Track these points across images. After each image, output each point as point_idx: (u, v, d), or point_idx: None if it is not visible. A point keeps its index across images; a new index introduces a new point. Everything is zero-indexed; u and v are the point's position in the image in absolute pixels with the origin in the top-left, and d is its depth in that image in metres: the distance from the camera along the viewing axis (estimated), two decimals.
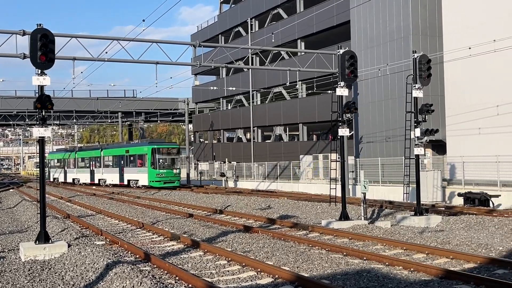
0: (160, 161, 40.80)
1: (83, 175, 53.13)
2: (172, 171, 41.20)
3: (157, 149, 40.96)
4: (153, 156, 40.66)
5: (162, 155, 41.25)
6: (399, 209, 22.14)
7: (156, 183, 40.41)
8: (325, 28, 41.89)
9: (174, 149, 42.48)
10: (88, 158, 52.06)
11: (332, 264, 11.44)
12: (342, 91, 18.75)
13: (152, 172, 40.63)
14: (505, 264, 10.80)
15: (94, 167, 50.64)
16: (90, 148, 55.62)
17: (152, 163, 40.64)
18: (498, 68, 26.76)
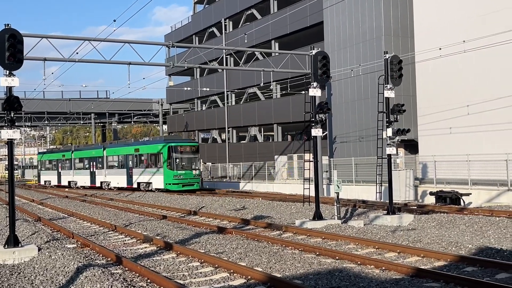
0: (177, 161, 36.22)
1: (81, 177, 48.00)
2: (192, 172, 36.66)
3: (174, 147, 36.22)
4: (170, 155, 35.96)
5: (180, 154, 36.61)
6: (372, 209, 22.34)
7: (173, 186, 35.83)
8: (299, 29, 42.09)
9: (193, 147, 37.71)
10: (88, 158, 46.87)
11: (305, 264, 11.47)
12: (315, 91, 18.84)
13: (169, 174, 35.96)
14: (474, 261, 10.97)
15: (95, 168, 45.45)
16: (90, 148, 49.52)
17: (169, 164, 35.98)
18: (468, 69, 27.23)
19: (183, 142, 38.51)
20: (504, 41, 23.53)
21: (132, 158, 40.18)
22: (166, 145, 36.26)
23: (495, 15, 25.82)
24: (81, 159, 48.35)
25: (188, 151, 37.11)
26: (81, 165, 48.36)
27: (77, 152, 49.62)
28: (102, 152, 44.38)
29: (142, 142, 40.53)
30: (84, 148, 50.39)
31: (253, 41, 44.75)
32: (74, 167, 49.35)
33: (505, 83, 25.54)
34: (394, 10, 33.30)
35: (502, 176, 24.11)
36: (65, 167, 51.45)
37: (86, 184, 46.59)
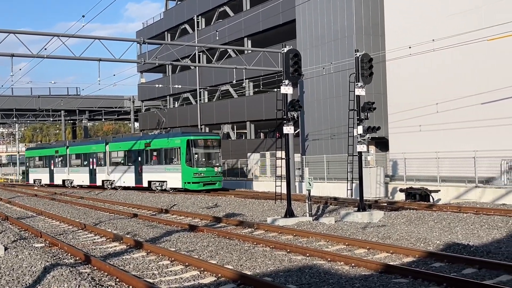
0: (198, 156, 32.06)
1: (78, 175, 43.16)
2: (213, 169, 32.27)
3: (194, 141, 32.03)
4: (189, 150, 31.77)
5: (200, 148, 32.36)
6: (343, 205, 22.52)
7: (193, 186, 31.58)
8: (271, 27, 42.14)
9: (215, 141, 33.45)
10: (86, 154, 42.03)
11: (276, 261, 11.49)
12: (287, 89, 18.87)
13: (188, 171, 31.73)
14: (441, 257, 11.14)
15: (95, 166, 40.67)
16: (89, 142, 44.20)
17: (188, 160, 31.81)
18: (437, 67, 27.64)
19: (204, 135, 34.45)
20: (471, 40, 23.95)
21: (142, 154, 35.57)
22: (185, 138, 32.09)
23: (463, 14, 26.26)
24: (78, 155, 43.51)
25: (209, 145, 32.82)
26: (78, 162, 43.61)
27: (73, 147, 44.81)
28: (104, 147, 39.74)
29: (154, 136, 35.76)
30: (82, 143, 45.25)
31: (226, 38, 44.61)
32: (70, 164, 44.62)
33: (473, 81, 26.00)
34: (365, 9, 33.59)
35: (470, 173, 24.55)
36: (58, 164, 46.56)
37: (85, 183, 42.12)
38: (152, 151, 35.03)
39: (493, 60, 25.12)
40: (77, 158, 43.80)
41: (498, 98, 24.72)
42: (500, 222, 16.04)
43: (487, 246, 12.62)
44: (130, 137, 39.99)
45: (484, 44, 24.16)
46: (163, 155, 33.97)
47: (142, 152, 35.62)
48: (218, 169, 32.56)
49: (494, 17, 24.29)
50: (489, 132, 25.14)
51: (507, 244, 13.09)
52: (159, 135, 35.46)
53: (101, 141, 41.76)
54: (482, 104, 25.40)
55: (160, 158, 34.23)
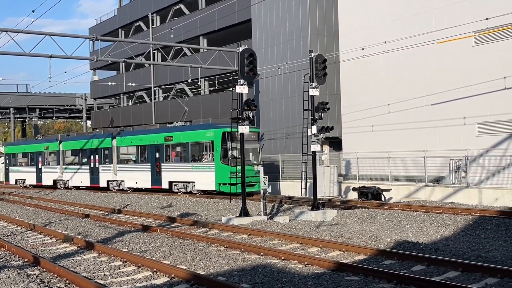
0: (235, 152, 26.14)
1: (75, 175, 36.88)
2: (253, 168, 26.33)
3: (231, 134, 25.98)
4: (225, 145, 26.62)
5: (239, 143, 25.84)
6: (298, 204, 22.72)
7: (230, 188, 24.46)
8: (227, 26, 42.05)
9: (254, 134, 27.81)
10: (86, 150, 36.01)
11: (230, 260, 11.48)
12: (242, 88, 18.90)
13: (224, 171, 25.98)
14: (392, 255, 11.38)
15: (98, 163, 34.88)
16: (88, 136, 37.33)
17: (223, 156, 26.63)
18: (389, 68, 28.23)
19: None
20: (421, 43, 24.57)
21: (161, 150, 30.17)
22: (220, 130, 26.75)
23: (414, 17, 26.91)
24: (75, 151, 37.44)
25: (248, 139, 25.96)
26: (74, 159, 37.58)
27: (68, 142, 38.39)
28: (110, 142, 33.79)
29: (176, 128, 30.08)
30: (79, 137, 38.35)
31: (181, 37, 44.26)
32: (63, 162, 38.33)
33: (423, 83, 26.68)
34: (320, 10, 33.97)
35: (420, 172, 25.21)
36: (48, 162, 40.27)
37: (84, 184, 36.07)
38: (174, 146, 29.77)
39: (443, 62, 25.86)
40: (73, 155, 37.81)
41: (447, 99, 25.47)
42: (448, 220, 16.52)
43: (435, 244, 12.98)
44: (145, 130, 33.27)
45: (434, 46, 24.83)
46: (189, 151, 28.57)
47: (160, 147, 30.08)
48: (258, 168, 25.74)
49: (444, 21, 25.00)
50: (439, 133, 25.88)
51: (455, 241, 13.50)
52: (183, 127, 29.93)
53: (106, 134, 35.22)
54: (432, 105, 26.12)
55: (185, 155, 28.84)
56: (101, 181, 34.50)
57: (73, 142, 37.85)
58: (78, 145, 37.07)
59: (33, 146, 42.58)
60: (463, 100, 24.87)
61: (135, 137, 32.39)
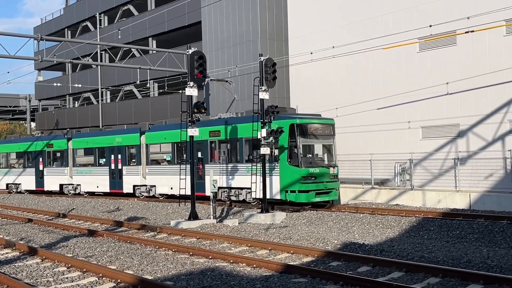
0: (308, 150, 21.72)
1: (90, 178, 30.89)
2: (328, 170, 21.44)
3: (302, 126, 21.13)
4: (295, 141, 20.91)
5: (311, 138, 21.76)
6: (248, 207, 22.75)
7: (301, 196, 20.45)
8: (177, 27, 41.76)
9: (328, 128, 22.34)
10: (104, 149, 30.17)
11: (178, 264, 11.37)
12: (192, 91, 18.78)
13: (293, 174, 20.59)
14: (339, 256, 11.56)
15: (121, 164, 28.90)
16: (108, 132, 31.09)
17: (292, 156, 20.95)
18: (337, 73, 28.71)
19: (315, 118, 22.31)
20: (368, 48, 25.12)
21: (205, 147, 24.60)
22: (287, 122, 21.09)
23: (361, 23, 27.49)
24: (89, 150, 31.37)
25: (322, 133, 21.96)
26: (88, 160, 31.68)
27: (80, 139, 32.27)
28: (138, 139, 27.98)
29: (224, 121, 24.10)
30: (95, 134, 31.93)
31: (130, 38, 43.59)
32: (74, 163, 32.22)
33: (370, 87, 27.28)
34: (270, 14, 34.20)
35: (367, 175, 25.70)
36: (53, 163, 34.02)
37: (101, 189, 30.18)
38: (222, 143, 24.26)
39: (389, 68, 26.51)
40: (87, 155, 31.79)
41: (393, 104, 26.13)
42: (393, 222, 16.93)
43: (381, 245, 13.27)
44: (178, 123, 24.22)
45: (381, 52, 25.43)
46: (243, 149, 22.87)
47: (204, 145, 24.50)
48: (335, 170, 21.66)
49: (390, 27, 25.65)
50: (385, 136, 26.50)
51: (399, 242, 13.84)
52: (234, 118, 23.96)
53: (132, 130, 28.98)
54: (378, 110, 26.73)
55: (236, 153, 23.24)
56: (126, 185, 28.52)
57: (87, 140, 31.60)
58: (94, 143, 30.77)
59: (31, 145, 36.09)
60: (408, 105, 25.57)
61: (169, 132, 25.94)
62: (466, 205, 20.66)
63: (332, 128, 22.42)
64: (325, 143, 22.33)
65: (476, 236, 14.42)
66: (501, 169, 21.68)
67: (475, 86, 22.99)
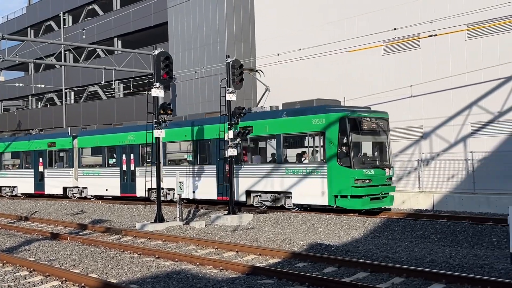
0: (360, 149, 19.54)
1: (98, 180, 27.87)
2: (384, 172, 19.04)
3: (354, 120, 18.59)
4: (346, 138, 18.36)
5: (365, 135, 19.32)
6: (214, 209, 22.67)
7: (354, 202, 18.03)
8: (143, 28, 41.41)
9: (383, 122, 19.76)
10: (114, 148, 27.19)
11: (143, 267, 11.24)
12: (158, 92, 18.63)
13: (344, 176, 18.10)
14: (305, 257, 11.62)
15: (134, 165, 26.06)
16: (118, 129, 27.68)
17: (342, 155, 18.30)
18: (304, 75, 28.90)
19: (368, 112, 19.79)
20: (334, 51, 25.36)
21: None
22: (336, 115, 18.45)
23: (327, 26, 27.73)
24: (97, 149, 28.42)
25: (376, 129, 19.42)
26: (97, 160, 28.65)
27: (86, 137, 29.23)
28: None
29: (256, 115, 21.44)
30: (103, 131, 28.56)
31: (94, 37, 43.02)
32: (80, 164, 29.31)
33: (335, 90, 27.54)
34: (237, 16, 34.21)
35: None
36: (54, 164, 31.06)
37: (111, 193, 27.29)
38: (254, 141, 21.63)
39: (354, 71, 26.81)
40: (94, 154, 28.81)
41: None
42: (359, 223, 17.11)
43: (346, 246, 13.40)
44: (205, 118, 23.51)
45: (346, 55, 25.70)
46: (281, 148, 20.18)
47: None
48: (391, 172, 19.30)
49: (355, 30, 25.96)
50: None
51: (364, 243, 14.01)
52: (267, 113, 21.39)
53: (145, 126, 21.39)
54: None
55: (276, 153, 20.47)
56: (139, 188, 25.52)
57: (95, 138, 28.49)
58: (103, 142, 27.83)
59: (29, 143, 32.62)
60: (372, 107, 25.90)
61: (189, 129, 23.39)
62: (430, 205, 21.05)
63: (387, 123, 19.91)
64: (380, 140, 19.63)
65: (439, 236, 14.69)
66: (463, 170, 22.19)
67: (438, 89, 23.46)
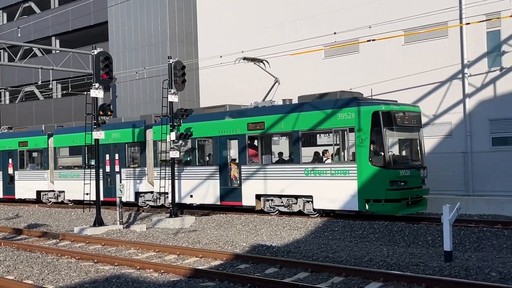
0: (397, 148, 17.80)
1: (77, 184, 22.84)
2: (419, 173, 16.89)
3: (389, 115, 16.34)
4: (379, 135, 16.26)
5: (400, 131, 16.99)
6: (156, 212, 22.38)
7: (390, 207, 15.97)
8: (83, 27, 40.42)
9: (416, 117, 17.38)
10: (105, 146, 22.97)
11: (81, 272, 10.96)
12: (97, 92, 18.24)
13: (378, 176, 15.99)
14: (247, 259, 11.66)
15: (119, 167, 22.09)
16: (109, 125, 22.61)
17: (375, 153, 16.34)
18: (246, 77, 29.00)
19: (401, 105, 17.45)
20: (276, 53, 25.59)
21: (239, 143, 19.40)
22: (369, 109, 16.32)
23: (270, 29, 27.96)
24: (76, 149, 24.71)
25: (410, 124, 17.05)
26: (75, 161, 25.32)
27: (63, 136, 25.67)
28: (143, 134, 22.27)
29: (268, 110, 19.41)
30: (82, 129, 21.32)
31: (31, 36, 41.64)
32: (56, 165, 25.89)
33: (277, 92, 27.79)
34: (179, 16, 33.95)
35: None
36: (26, 165, 27.81)
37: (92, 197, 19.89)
38: (266, 139, 19.30)
39: (296, 73, 27.15)
40: (73, 155, 25.52)
41: None
42: (300, 224, 17.32)
43: (288, 246, 13.54)
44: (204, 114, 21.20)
45: (288, 58, 25.98)
46: (299, 146, 17.92)
47: (239, 140, 19.36)
48: (425, 172, 17.14)
49: (297, 33, 26.30)
50: None
51: (306, 243, 14.20)
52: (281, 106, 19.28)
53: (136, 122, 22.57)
54: None
55: (293, 152, 18.25)
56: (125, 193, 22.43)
57: (74, 136, 24.41)
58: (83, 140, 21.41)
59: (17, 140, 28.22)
60: None
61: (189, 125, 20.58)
62: None
63: (420, 118, 17.71)
64: (414, 137, 17.42)
65: (377, 235, 15.08)
66: None
67: (376, 93, 24.08)
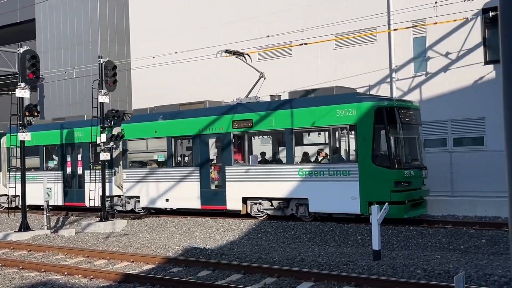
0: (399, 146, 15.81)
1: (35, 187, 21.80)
2: (422, 173, 16.17)
3: (392, 111, 15.52)
4: (385, 132, 15.62)
5: (405, 129, 15.94)
6: (86, 216, 21.77)
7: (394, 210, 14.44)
8: (7, 24, 38.74)
9: (417, 115, 16.63)
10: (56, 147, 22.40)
11: (5, 280, 10.48)
12: (23, 92, 17.54)
13: (382, 177, 15.05)
14: (180, 262, 11.54)
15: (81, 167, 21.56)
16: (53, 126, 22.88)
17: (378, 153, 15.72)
18: (180, 78, 28.78)
19: (403, 101, 16.92)
20: (210, 55, 25.55)
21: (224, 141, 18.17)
22: (370, 105, 15.41)
23: (203, 30, 27.88)
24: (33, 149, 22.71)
25: (411, 122, 16.33)
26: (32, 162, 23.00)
27: None
28: None
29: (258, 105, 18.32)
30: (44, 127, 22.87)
31: None
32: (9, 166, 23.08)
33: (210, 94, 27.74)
34: (111, 15, 33.22)
35: None
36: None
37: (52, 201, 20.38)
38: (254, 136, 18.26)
39: (230, 75, 27.20)
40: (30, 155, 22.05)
41: None
42: (234, 225, 17.34)
43: (221, 248, 13.51)
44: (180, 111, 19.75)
45: (222, 59, 25.98)
46: (293, 145, 16.97)
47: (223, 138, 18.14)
48: (425, 173, 16.48)
49: (232, 35, 26.35)
50: None
51: (239, 245, 14.22)
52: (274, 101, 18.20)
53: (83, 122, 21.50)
54: None
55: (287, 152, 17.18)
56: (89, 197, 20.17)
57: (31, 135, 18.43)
58: (41, 140, 22.48)
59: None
60: None
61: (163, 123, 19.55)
62: None
63: (420, 115, 16.92)
64: (415, 135, 16.56)
65: (309, 236, 15.32)
66: None
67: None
